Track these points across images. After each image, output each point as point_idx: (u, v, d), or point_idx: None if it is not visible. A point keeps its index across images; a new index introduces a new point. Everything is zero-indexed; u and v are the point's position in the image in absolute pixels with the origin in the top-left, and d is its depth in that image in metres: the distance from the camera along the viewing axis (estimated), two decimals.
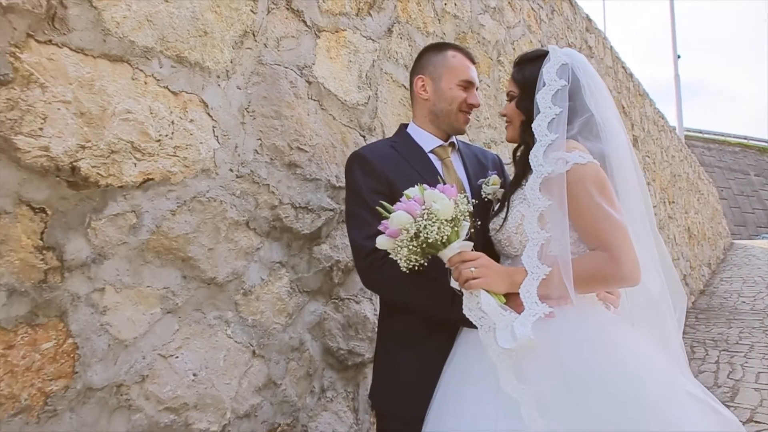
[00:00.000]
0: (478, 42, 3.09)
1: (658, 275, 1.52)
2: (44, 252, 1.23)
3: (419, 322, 1.58)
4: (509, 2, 3.52)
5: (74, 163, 1.26)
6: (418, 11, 2.60)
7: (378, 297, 1.82)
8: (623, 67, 6.06)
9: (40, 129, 1.21)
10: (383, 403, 1.64)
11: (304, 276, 1.88)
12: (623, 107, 5.84)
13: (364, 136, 2.16)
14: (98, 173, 1.31)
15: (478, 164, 1.81)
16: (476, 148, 1.93)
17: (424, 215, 1.29)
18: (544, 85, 1.45)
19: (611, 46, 5.68)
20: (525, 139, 1.51)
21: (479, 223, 1.52)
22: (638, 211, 1.50)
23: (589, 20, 5.08)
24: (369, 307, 2.11)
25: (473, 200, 1.51)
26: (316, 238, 1.92)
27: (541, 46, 3.94)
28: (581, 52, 4.80)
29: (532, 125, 1.43)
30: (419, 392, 1.48)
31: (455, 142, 1.79)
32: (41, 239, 1.22)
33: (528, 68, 1.52)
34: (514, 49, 3.53)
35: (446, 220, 1.30)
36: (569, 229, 1.38)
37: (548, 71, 1.47)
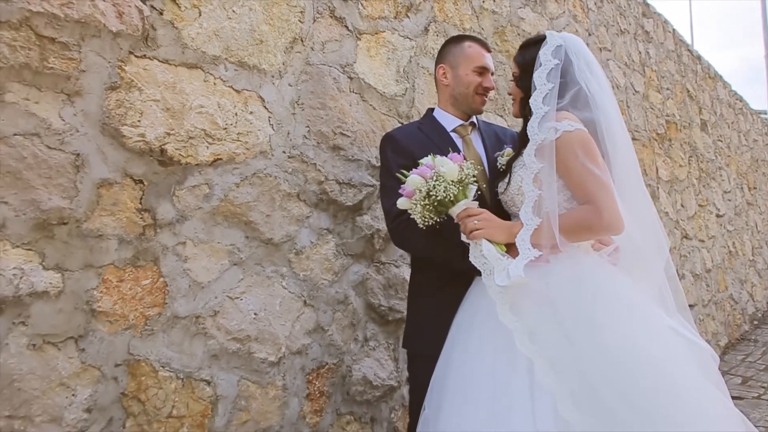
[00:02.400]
0: (518, 34, 3.31)
1: (652, 226, 1.73)
2: (142, 213, 1.65)
3: (439, 275, 1.88)
4: None
5: (162, 146, 1.68)
6: (455, 10, 2.87)
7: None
8: (689, 50, 5.96)
9: (139, 121, 1.63)
10: (410, 343, 1.96)
11: (349, 241, 2.23)
12: (688, 91, 5.76)
13: (402, 123, 2.48)
14: (180, 154, 1.72)
15: (497, 140, 2.08)
16: (497, 126, 2.20)
17: (433, 177, 1.59)
18: (541, 65, 1.70)
19: (673, 30, 5.62)
20: (524, 113, 1.77)
21: (484, 185, 1.80)
22: (629, 168, 1.72)
23: (647, 5, 5.09)
24: (408, 271, 2.42)
25: (479, 167, 1.78)
26: (358, 210, 2.26)
27: (588, 34, 4.07)
28: (636, 37, 4.85)
29: (530, 100, 1.68)
30: (438, 333, 1.77)
31: (475, 121, 2.07)
32: (140, 203, 1.64)
33: (528, 51, 1.77)
34: None
35: (452, 181, 1.59)
36: (564, 188, 1.64)
37: (544, 53, 1.70)
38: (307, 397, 2.03)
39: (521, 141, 1.75)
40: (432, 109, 2.10)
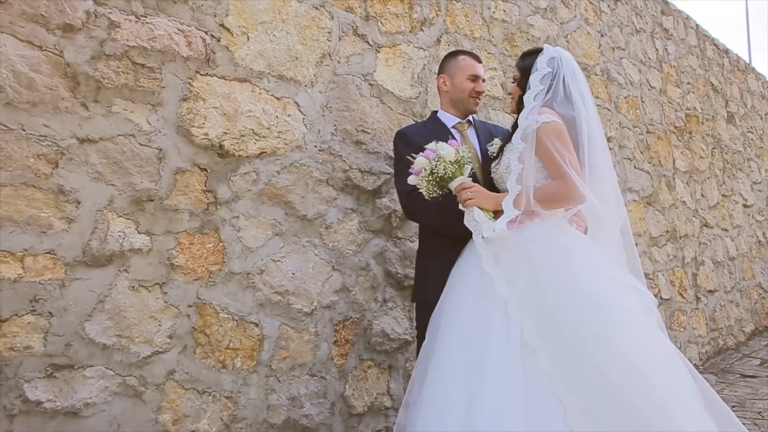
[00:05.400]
0: (528, 39, 3.70)
1: (615, 201, 2.14)
2: (206, 193, 2.17)
3: (441, 241, 2.33)
4: (562, 1, 4.06)
5: (221, 143, 2.20)
6: (466, 22, 3.30)
7: None
8: (715, 44, 6.13)
9: (203, 123, 2.15)
10: (417, 295, 2.43)
11: (370, 219, 2.71)
12: (712, 84, 5.95)
13: (416, 121, 2.93)
14: (234, 148, 2.23)
15: (490, 135, 2.51)
16: (490, 124, 2.63)
17: (435, 158, 2.04)
18: (536, 70, 2.13)
19: (696, 25, 5.83)
20: (519, 108, 2.19)
21: (477, 166, 2.23)
22: (599, 155, 2.12)
23: (666, 3, 5.34)
24: None
25: (472, 150, 2.20)
26: (377, 193, 2.73)
27: (600, 35, 4.40)
28: (653, 35, 5.11)
29: (524, 98, 2.11)
30: (440, 285, 2.21)
31: (472, 120, 2.51)
32: (205, 186, 2.16)
33: (529, 59, 2.20)
34: (567, 41, 4.06)
35: (450, 162, 2.04)
36: (543, 168, 2.06)
37: (541, 61, 2.13)
38: (335, 343, 2.52)
39: (512, 130, 2.17)
40: (436, 111, 2.55)
